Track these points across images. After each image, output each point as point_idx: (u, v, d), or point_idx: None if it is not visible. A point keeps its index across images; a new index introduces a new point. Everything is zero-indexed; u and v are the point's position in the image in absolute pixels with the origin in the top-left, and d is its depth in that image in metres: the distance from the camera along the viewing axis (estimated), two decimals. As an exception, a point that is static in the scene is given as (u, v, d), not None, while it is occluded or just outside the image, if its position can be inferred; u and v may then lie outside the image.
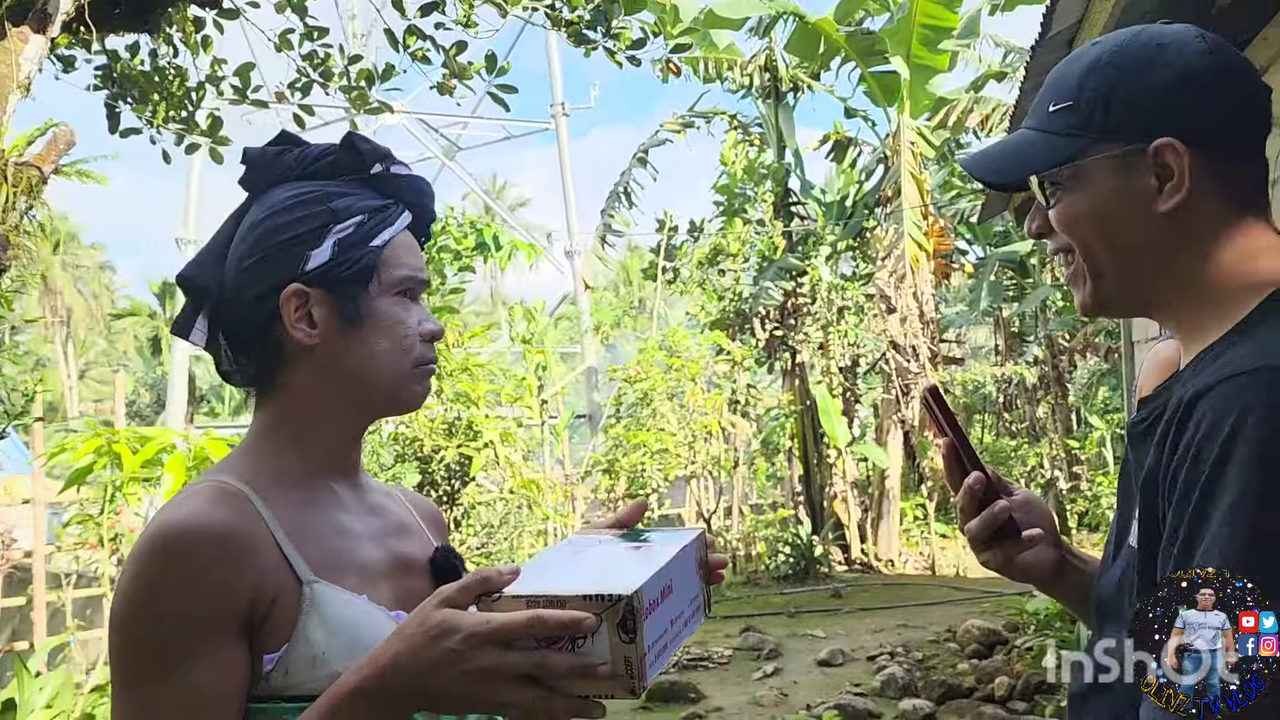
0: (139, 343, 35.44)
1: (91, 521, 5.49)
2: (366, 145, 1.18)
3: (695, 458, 11.52)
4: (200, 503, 1.00)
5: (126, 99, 5.60)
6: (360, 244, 1.12)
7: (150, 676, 0.94)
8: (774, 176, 12.75)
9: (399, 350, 1.13)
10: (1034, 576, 1.22)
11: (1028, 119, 1.10)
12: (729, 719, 5.75)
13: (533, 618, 0.81)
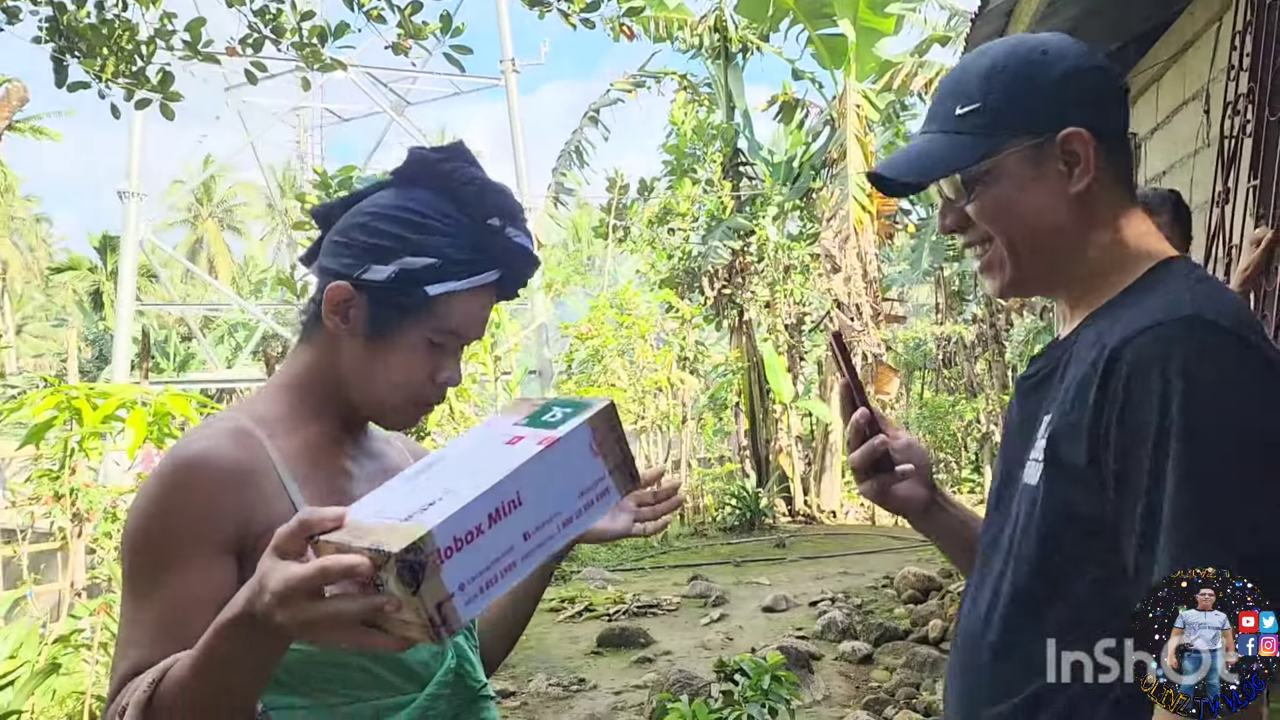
0: (78, 297, 34.64)
1: (48, 476, 5.54)
2: (501, 200, 1.23)
3: (645, 413, 11.72)
4: (214, 437, 1.15)
5: (74, 52, 5.53)
6: (418, 283, 1.18)
7: (148, 576, 1.08)
8: (723, 137, 12.89)
9: (398, 385, 1.22)
10: (904, 509, 1.35)
11: (930, 124, 1.19)
12: (678, 661, 5.98)
13: (318, 569, 0.83)
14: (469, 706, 1.27)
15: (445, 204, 1.22)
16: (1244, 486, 0.95)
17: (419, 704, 1.19)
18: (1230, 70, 3.30)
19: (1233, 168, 3.23)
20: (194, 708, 0.97)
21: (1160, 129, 4.66)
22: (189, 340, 32.28)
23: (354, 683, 1.15)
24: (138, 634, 1.07)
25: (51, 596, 6.49)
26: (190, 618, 1.04)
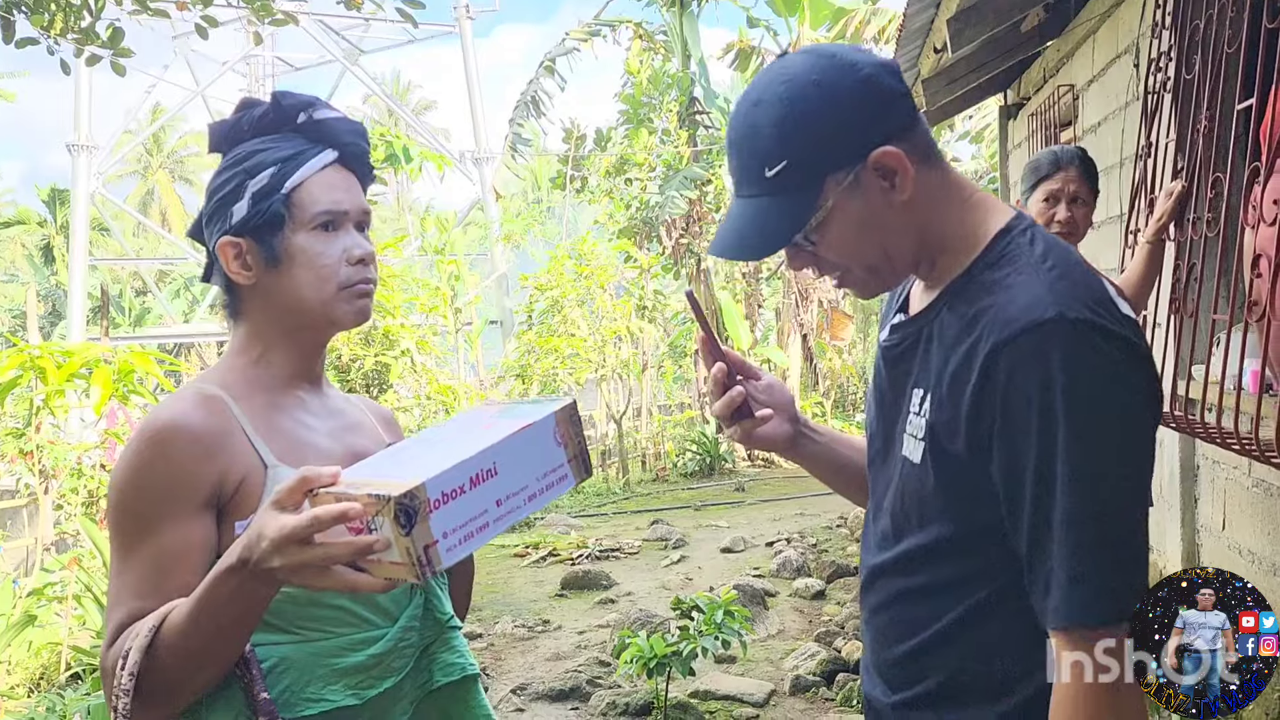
0: (28, 251, 33.93)
1: (13, 435, 5.60)
2: (290, 99, 1.36)
3: (605, 362, 11.86)
4: (182, 404, 1.26)
5: (21, 8, 5.46)
6: (271, 193, 1.29)
7: (131, 535, 1.19)
8: (679, 86, 12.90)
9: (320, 279, 1.30)
10: (772, 446, 1.44)
11: (745, 188, 1.19)
12: (639, 601, 6.19)
13: (311, 518, 0.97)
14: (438, 636, 1.39)
15: (255, 136, 1.35)
16: (1124, 478, 1.05)
17: (391, 635, 1.30)
18: (1154, 28, 3.45)
19: (1154, 122, 3.39)
20: (190, 648, 1.10)
21: (1095, 81, 4.82)
22: (144, 295, 31.82)
23: (332, 620, 1.26)
24: (128, 586, 1.18)
25: (18, 552, 6.56)
26: (175, 569, 1.17)
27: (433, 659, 1.38)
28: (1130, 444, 1.05)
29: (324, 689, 1.24)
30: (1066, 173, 2.86)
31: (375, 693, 1.27)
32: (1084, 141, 4.91)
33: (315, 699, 1.23)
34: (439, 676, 1.38)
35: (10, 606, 4.78)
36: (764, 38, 13.49)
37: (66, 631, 4.86)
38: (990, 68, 5.98)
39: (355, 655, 1.26)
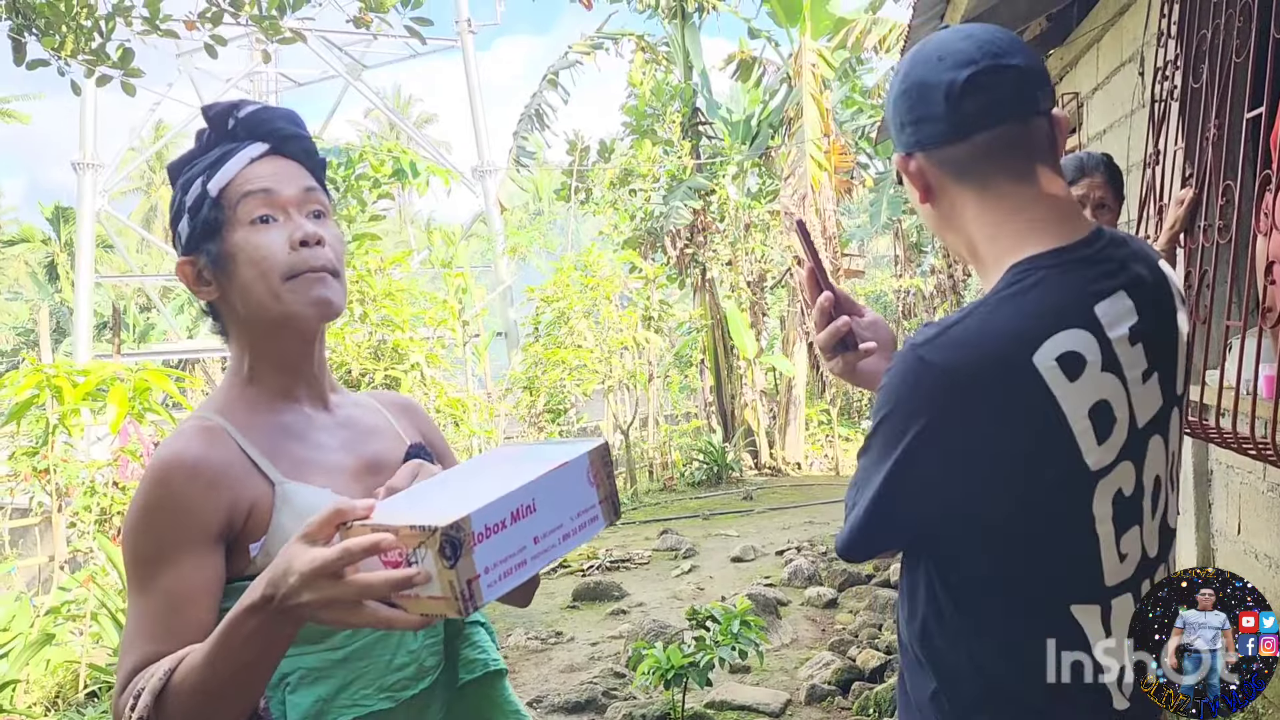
0: (31, 269, 34.03)
1: (27, 453, 5.62)
2: (215, 109, 1.32)
3: (611, 372, 11.87)
4: (182, 440, 1.21)
5: (32, 30, 5.49)
6: (201, 201, 1.25)
7: (142, 576, 1.16)
8: (681, 97, 12.95)
9: (262, 272, 1.23)
10: (870, 383, 1.38)
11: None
12: (651, 611, 6.21)
13: (342, 550, 0.92)
14: (459, 631, 1.38)
15: (198, 152, 1.32)
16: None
17: (417, 637, 1.28)
18: (1160, 36, 3.48)
19: (1162, 130, 3.42)
20: (206, 691, 1.04)
21: (1100, 89, 4.85)
22: (148, 311, 31.89)
23: (354, 629, 1.21)
24: (140, 631, 1.14)
25: (29, 570, 6.58)
26: (187, 608, 1.14)
27: (456, 655, 1.37)
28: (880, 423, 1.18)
29: (358, 694, 1.22)
30: (1091, 179, 2.83)
31: (409, 694, 1.26)
32: (1088, 149, 4.94)
33: (350, 705, 1.21)
34: (463, 674, 1.36)
35: (28, 625, 4.80)
36: (765, 48, 13.58)
37: (83, 650, 4.88)
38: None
39: (385, 657, 1.24)
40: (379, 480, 1.27)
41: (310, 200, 1.30)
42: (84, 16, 5.50)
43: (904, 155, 1.22)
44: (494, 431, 10.34)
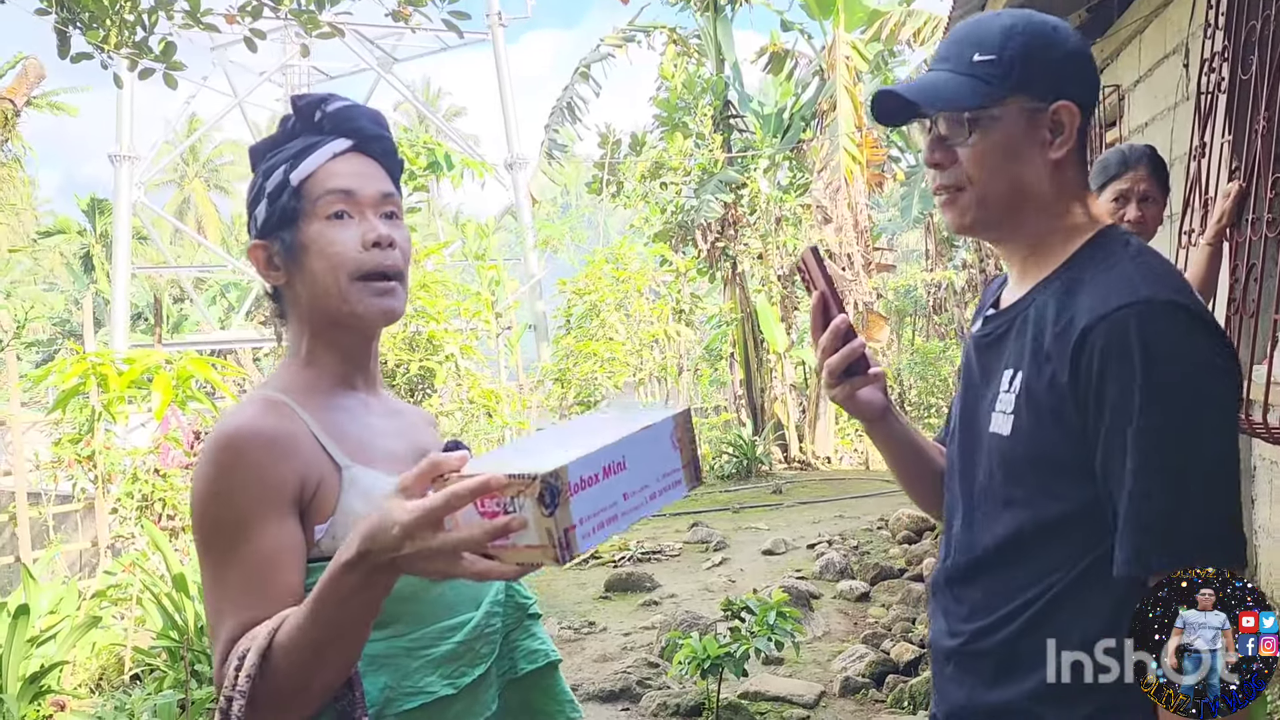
0: (66, 260, 34.50)
1: (71, 440, 5.73)
2: (305, 100, 1.34)
3: (642, 365, 11.90)
4: (254, 411, 1.23)
5: (76, 24, 5.56)
6: (283, 188, 1.28)
7: (224, 545, 1.16)
8: (713, 90, 12.93)
9: (333, 267, 1.26)
10: (866, 413, 1.45)
11: (944, 64, 1.29)
12: (683, 603, 6.22)
13: (449, 494, 0.94)
14: (519, 623, 1.39)
15: (286, 141, 1.35)
16: (1200, 448, 1.12)
17: (477, 622, 1.29)
18: (1207, 28, 3.45)
19: (1209, 122, 3.39)
20: (309, 650, 1.05)
21: (1142, 81, 4.81)
22: (181, 301, 32.27)
23: (423, 614, 1.24)
24: (230, 599, 1.15)
25: (70, 556, 6.71)
26: (275, 573, 1.15)
27: (515, 646, 1.38)
28: (1213, 413, 1.14)
29: (421, 680, 1.23)
30: (1136, 172, 2.79)
31: (468, 680, 1.27)
32: (1129, 142, 4.90)
33: (415, 691, 1.22)
34: (523, 664, 1.38)
35: (74, 609, 4.90)
36: (797, 41, 13.52)
37: (127, 633, 4.98)
38: (1033, 69, 5.97)
39: (445, 644, 1.25)
40: None
41: (386, 202, 1.32)
42: (127, 10, 5.57)
43: (1066, 104, 1.25)
44: (526, 423, 10.40)
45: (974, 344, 1.40)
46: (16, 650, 4.28)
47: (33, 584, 4.65)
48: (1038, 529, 1.23)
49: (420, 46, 23.65)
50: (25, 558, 5.73)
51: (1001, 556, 1.28)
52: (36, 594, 4.69)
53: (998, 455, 1.28)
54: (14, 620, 4.31)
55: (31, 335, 27.02)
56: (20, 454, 5.88)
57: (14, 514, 6.06)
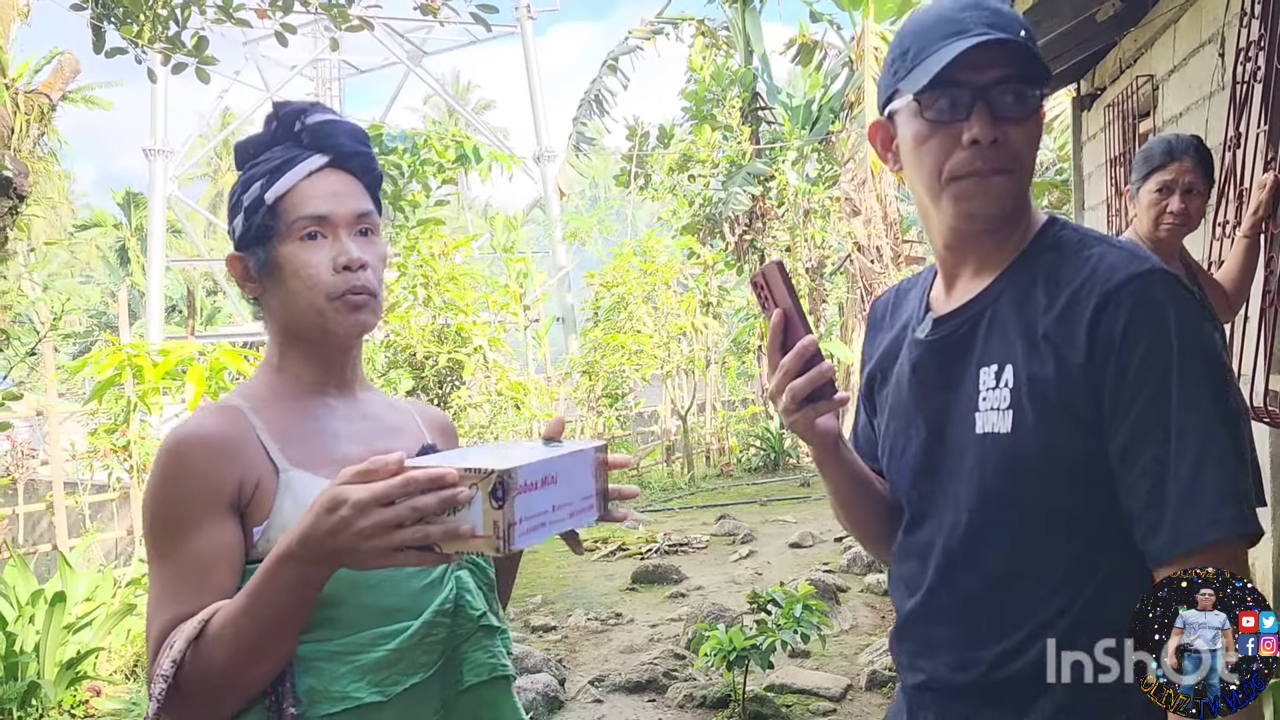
0: (102, 253, 34.98)
1: (107, 430, 5.82)
2: (286, 108, 1.36)
3: (669, 357, 11.91)
4: (201, 417, 1.28)
5: (111, 19, 5.62)
6: (256, 207, 1.30)
7: (163, 544, 1.21)
8: (741, 82, 12.88)
9: (308, 289, 1.28)
10: (822, 440, 1.30)
11: (997, 29, 1.16)
12: (710, 595, 6.24)
13: (407, 478, 0.98)
14: (471, 637, 1.34)
15: (269, 147, 1.36)
16: (1225, 401, 1.12)
17: (415, 630, 1.25)
18: (1243, 16, 3.40)
19: (1244, 112, 3.34)
20: (241, 642, 1.09)
21: (1177, 71, 4.74)
22: (214, 294, 32.62)
23: (354, 620, 1.23)
24: (167, 594, 1.18)
25: (105, 544, 6.82)
26: (210, 572, 1.18)
27: (463, 658, 1.34)
28: (1227, 372, 1.14)
29: (348, 686, 1.21)
30: (1181, 163, 2.72)
31: (399, 689, 1.24)
32: (1165, 132, 4.83)
33: (340, 696, 1.20)
34: (469, 676, 1.34)
35: (110, 596, 4.98)
36: (826, 32, 13.43)
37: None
38: (1064, 59, 5.90)
39: (376, 651, 1.23)
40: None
41: (360, 221, 1.34)
42: (161, 5, 5.63)
43: (1043, 92, 1.23)
44: (553, 415, 10.43)
45: (925, 348, 1.31)
46: (53, 636, 4.36)
47: (69, 571, 4.73)
48: (1053, 528, 1.17)
49: (449, 40, 23.75)
50: (62, 545, 5.84)
51: (1013, 565, 1.19)
52: (73, 581, 4.77)
53: (999, 454, 1.18)
54: (51, 607, 4.39)
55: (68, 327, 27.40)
56: (57, 444, 5.99)
57: (51, 503, 6.18)
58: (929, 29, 1.20)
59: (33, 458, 6.33)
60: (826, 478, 1.40)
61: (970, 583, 1.23)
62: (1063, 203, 11.86)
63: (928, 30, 1.20)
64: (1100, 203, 6.41)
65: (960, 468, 1.23)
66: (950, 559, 1.25)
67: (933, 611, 1.28)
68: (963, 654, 1.24)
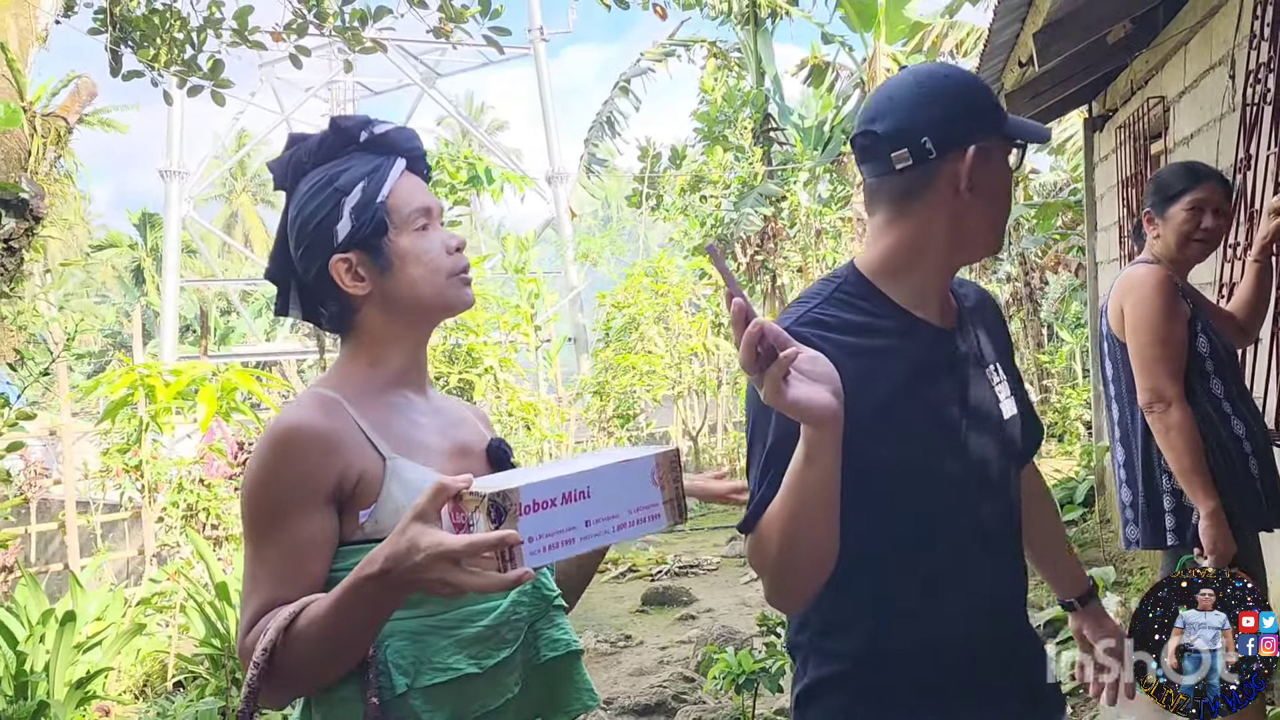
0: (117, 273, 35.24)
1: (118, 450, 5.85)
2: (348, 121, 1.47)
3: (681, 378, 11.90)
4: (304, 407, 1.36)
5: (128, 43, 5.68)
6: (369, 204, 1.40)
7: (264, 529, 1.30)
8: (753, 103, 12.92)
9: (431, 271, 1.42)
10: (811, 413, 1.19)
11: None
12: (720, 618, 6.20)
13: (470, 544, 1.07)
14: (544, 613, 1.48)
15: (317, 165, 1.45)
16: None
17: (504, 608, 1.39)
18: (1253, 39, 3.40)
19: (1255, 135, 3.33)
20: (322, 643, 1.20)
21: (1188, 92, 4.74)
22: (228, 314, 32.81)
23: (449, 599, 1.31)
24: (264, 577, 1.28)
25: (117, 563, 6.83)
26: (305, 560, 1.28)
27: (538, 635, 1.47)
28: None
29: (449, 658, 1.33)
30: (1210, 183, 2.80)
31: (492, 663, 1.37)
32: (1176, 154, 4.83)
33: (442, 668, 1.33)
34: (545, 651, 1.47)
35: (120, 615, 4.99)
36: (838, 53, 13.47)
37: (168, 640, 5.06)
38: (1075, 80, 5.91)
39: (472, 626, 1.35)
40: (467, 463, 1.45)
41: (441, 213, 1.52)
42: (177, 29, 5.69)
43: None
44: (564, 436, 10.43)
45: (963, 361, 1.50)
46: (64, 656, 4.37)
47: (80, 591, 4.74)
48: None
49: (463, 62, 23.93)
50: (74, 565, 5.85)
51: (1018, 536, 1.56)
52: (84, 601, 4.78)
53: (1011, 437, 1.52)
54: (61, 627, 4.40)
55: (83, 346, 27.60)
56: (70, 463, 6.02)
57: (63, 522, 6.20)
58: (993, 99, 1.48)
59: (46, 477, 6.36)
60: (813, 464, 1.23)
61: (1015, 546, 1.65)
62: (1075, 224, 11.83)
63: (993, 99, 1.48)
64: (1112, 224, 6.40)
65: (1000, 454, 1.52)
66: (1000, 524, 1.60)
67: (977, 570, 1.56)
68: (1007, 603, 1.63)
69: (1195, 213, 2.77)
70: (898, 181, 1.40)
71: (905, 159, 1.37)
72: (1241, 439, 2.66)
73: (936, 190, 1.38)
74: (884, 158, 1.39)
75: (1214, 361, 2.70)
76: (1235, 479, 2.63)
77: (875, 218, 1.46)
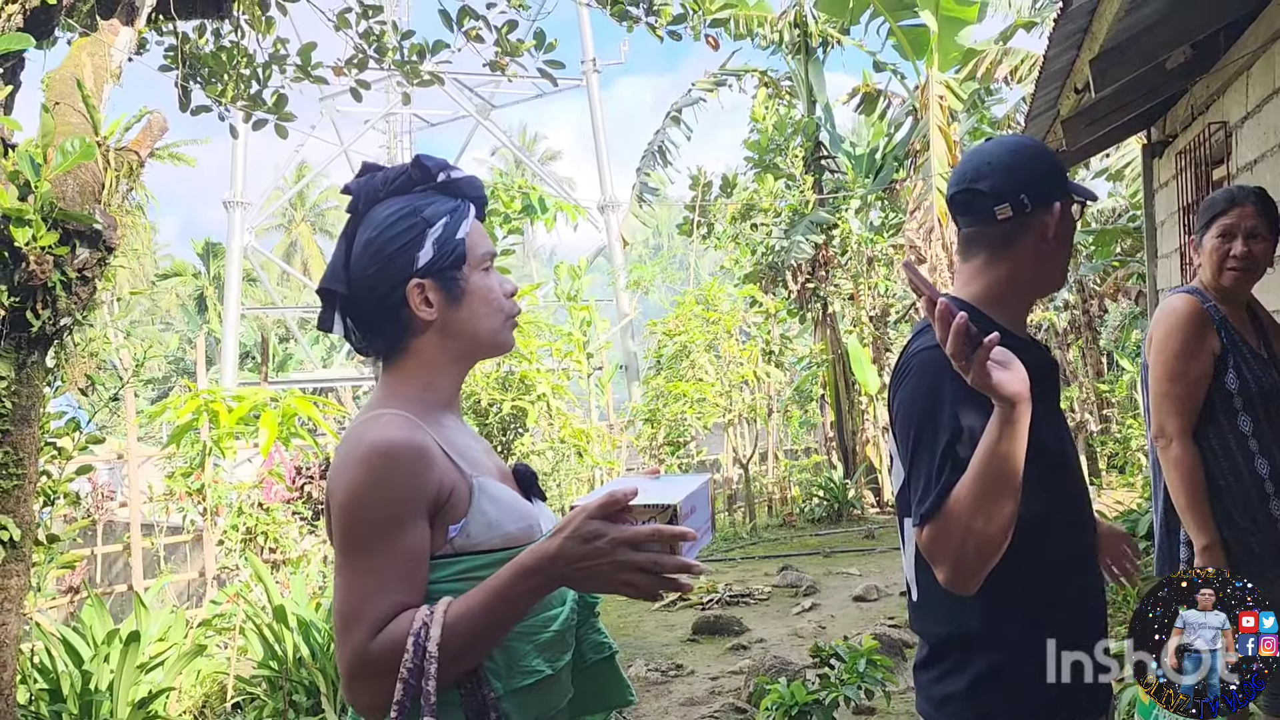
0: (181, 300, 36.12)
1: (182, 474, 5.99)
2: (431, 161, 1.56)
3: (732, 406, 11.87)
4: (400, 425, 1.41)
5: (196, 79, 5.87)
6: (450, 239, 1.49)
7: (376, 539, 1.34)
8: (804, 131, 12.93)
9: (493, 310, 1.52)
10: (1006, 391, 1.43)
11: None
12: (771, 649, 6.15)
13: (654, 530, 1.24)
14: (587, 620, 1.59)
15: (391, 195, 1.54)
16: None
17: (565, 615, 1.49)
18: (1317, 64, 3.34)
19: (1320, 161, 3.27)
20: (475, 633, 1.30)
21: (1251, 118, 4.67)
22: (286, 341, 33.42)
23: (534, 606, 1.41)
24: (382, 582, 1.34)
25: (178, 585, 6.97)
26: (418, 568, 1.36)
27: (583, 639, 1.58)
28: None
29: (532, 661, 1.43)
30: (1242, 208, 2.74)
31: (562, 664, 1.48)
32: (1239, 180, 4.75)
33: (529, 670, 1.42)
34: (590, 654, 1.58)
35: (181, 637, 5.08)
36: (890, 81, 13.45)
37: (228, 662, 5.14)
38: (1133, 106, 5.84)
39: (546, 632, 1.45)
40: (509, 484, 1.56)
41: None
42: (244, 66, 5.87)
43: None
44: (616, 463, 10.44)
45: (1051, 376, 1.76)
46: (127, 675, 4.46)
47: (144, 612, 4.85)
48: None
49: (517, 93, 24.31)
50: (138, 586, 5.98)
51: None
52: (147, 622, 4.88)
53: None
54: (125, 647, 4.50)
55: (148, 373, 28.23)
56: (135, 487, 6.17)
57: (128, 544, 6.34)
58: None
59: (111, 500, 6.53)
60: (1005, 442, 1.44)
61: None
62: (1135, 250, 11.64)
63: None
64: (1173, 250, 6.29)
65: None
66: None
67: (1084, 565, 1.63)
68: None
69: (1223, 239, 2.73)
70: (997, 230, 1.69)
71: (1007, 212, 1.66)
72: (1265, 479, 2.60)
73: (1030, 237, 1.69)
74: (986, 211, 1.68)
75: (1243, 399, 2.63)
76: (1254, 518, 2.58)
77: (973, 260, 1.74)
